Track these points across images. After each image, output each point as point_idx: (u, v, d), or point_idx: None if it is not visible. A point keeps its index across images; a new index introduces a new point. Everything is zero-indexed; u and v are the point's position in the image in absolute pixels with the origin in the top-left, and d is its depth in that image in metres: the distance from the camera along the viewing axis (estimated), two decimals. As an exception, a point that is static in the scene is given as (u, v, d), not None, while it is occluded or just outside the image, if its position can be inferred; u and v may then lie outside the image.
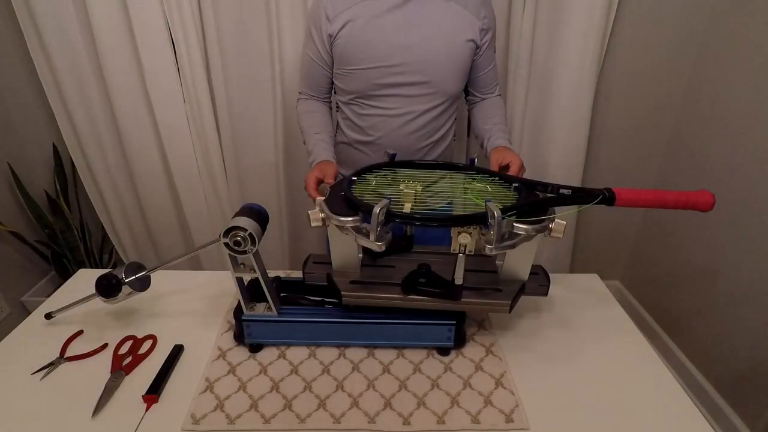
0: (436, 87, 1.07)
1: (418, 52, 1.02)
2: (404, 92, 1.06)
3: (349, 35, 1.02)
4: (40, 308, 0.95)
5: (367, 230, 0.68)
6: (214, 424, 0.70)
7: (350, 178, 0.83)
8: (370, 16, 1.01)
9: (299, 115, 1.16)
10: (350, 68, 1.06)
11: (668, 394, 0.76)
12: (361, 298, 0.77)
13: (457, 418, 0.72)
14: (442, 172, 0.93)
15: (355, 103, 1.11)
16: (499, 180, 0.86)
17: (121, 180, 1.71)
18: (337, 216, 0.70)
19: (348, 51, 1.04)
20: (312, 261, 0.88)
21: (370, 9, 1.01)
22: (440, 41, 1.03)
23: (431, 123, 1.11)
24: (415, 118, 1.09)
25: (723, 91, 1.46)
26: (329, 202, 0.75)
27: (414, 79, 1.05)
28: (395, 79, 1.05)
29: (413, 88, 1.06)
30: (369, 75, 1.05)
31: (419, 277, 0.77)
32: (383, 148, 1.09)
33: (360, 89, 1.08)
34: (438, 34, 1.03)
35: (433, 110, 1.09)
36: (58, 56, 1.46)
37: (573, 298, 1.00)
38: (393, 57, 1.03)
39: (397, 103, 1.08)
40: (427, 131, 1.12)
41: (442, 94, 1.08)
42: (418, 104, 1.08)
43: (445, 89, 1.08)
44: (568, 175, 1.69)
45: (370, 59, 1.03)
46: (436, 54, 1.03)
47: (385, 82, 1.05)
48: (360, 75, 1.06)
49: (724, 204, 1.45)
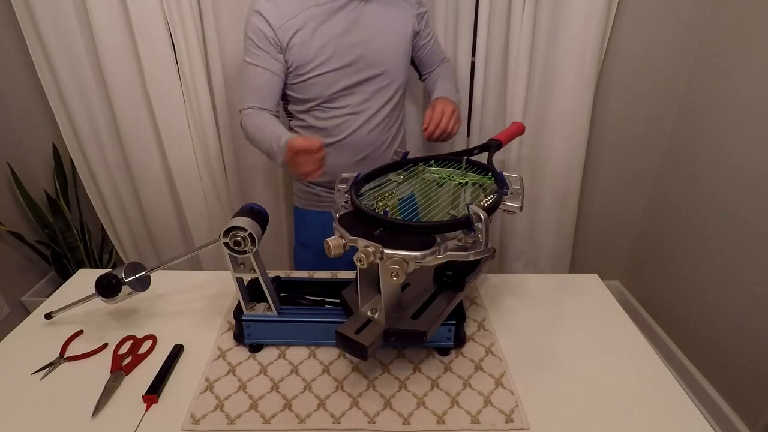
0: (390, 77, 1.13)
1: (370, 48, 1.07)
2: (363, 89, 1.11)
3: (301, 43, 1.03)
4: (40, 308, 0.94)
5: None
6: (214, 424, 0.70)
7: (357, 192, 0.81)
8: (318, 22, 1.03)
9: (249, 125, 1.06)
10: (307, 76, 1.07)
11: (668, 394, 0.76)
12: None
13: (457, 418, 0.72)
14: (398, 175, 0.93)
15: (316, 109, 1.12)
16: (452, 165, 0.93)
17: (121, 180, 1.71)
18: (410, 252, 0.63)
19: (302, 58, 1.05)
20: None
21: (315, 15, 1.03)
22: (387, 33, 1.09)
23: (390, 114, 1.17)
24: (376, 112, 1.14)
25: (723, 90, 1.46)
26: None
27: (370, 73, 1.10)
28: (353, 78, 1.09)
29: (371, 83, 1.11)
30: (327, 79, 1.07)
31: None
32: (350, 147, 1.14)
33: (319, 94, 1.10)
34: (384, 28, 1.09)
35: (390, 101, 1.16)
36: (58, 56, 1.46)
37: (573, 298, 1.00)
38: (348, 57, 1.06)
39: (357, 99, 1.12)
40: (388, 123, 1.18)
41: (396, 84, 1.15)
42: (377, 98, 1.13)
43: (398, 77, 1.15)
44: (567, 175, 1.70)
45: (326, 63, 1.05)
46: (386, 46, 1.10)
47: (345, 84, 1.09)
48: (318, 80, 1.08)
49: (724, 204, 1.45)
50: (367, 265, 0.63)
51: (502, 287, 1.03)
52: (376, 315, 0.73)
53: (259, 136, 1.03)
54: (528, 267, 1.89)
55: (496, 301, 0.98)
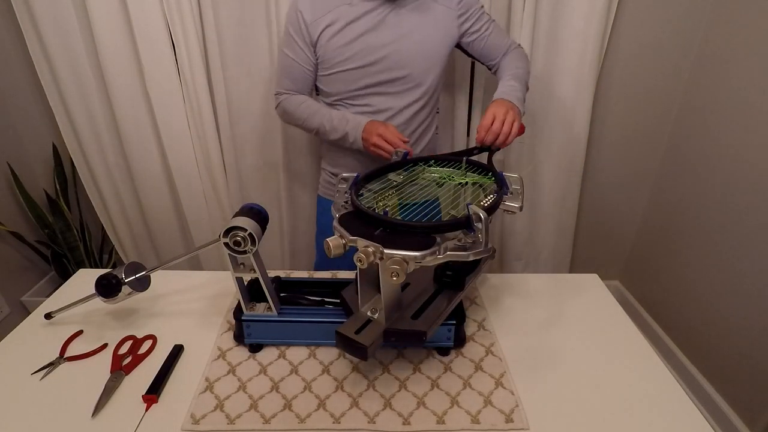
0: (415, 81, 1.12)
1: (396, 50, 1.07)
2: (385, 90, 1.11)
3: (329, 39, 1.06)
4: (40, 308, 0.94)
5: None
6: (214, 424, 0.70)
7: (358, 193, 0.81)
8: (347, 20, 1.05)
9: (290, 109, 1.16)
10: (332, 71, 1.10)
11: (668, 394, 0.76)
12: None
13: (457, 418, 0.72)
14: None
15: (339, 104, 1.15)
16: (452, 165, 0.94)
17: (121, 180, 1.71)
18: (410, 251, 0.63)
19: (328, 54, 1.08)
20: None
21: (346, 13, 1.05)
22: (416, 37, 1.08)
23: (413, 117, 1.16)
24: (396, 114, 1.14)
25: (723, 90, 1.46)
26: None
27: (393, 75, 1.10)
28: (376, 78, 1.09)
29: (394, 85, 1.11)
30: (350, 76, 1.09)
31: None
32: None
33: (342, 90, 1.12)
34: (414, 32, 1.08)
35: (414, 104, 1.14)
36: (58, 56, 1.46)
37: (573, 298, 1.00)
38: (371, 56, 1.07)
39: (378, 100, 1.12)
40: (409, 125, 1.16)
41: (423, 88, 1.13)
42: (399, 100, 1.13)
43: (424, 82, 1.13)
44: (567, 175, 1.70)
45: (349, 60, 1.07)
46: (414, 49, 1.09)
47: (367, 83, 1.10)
48: (341, 77, 1.10)
49: (724, 204, 1.45)
50: (367, 265, 0.63)
51: (502, 287, 1.03)
52: (376, 315, 0.73)
53: (316, 119, 1.13)
54: (528, 267, 1.89)
55: (496, 301, 0.98)
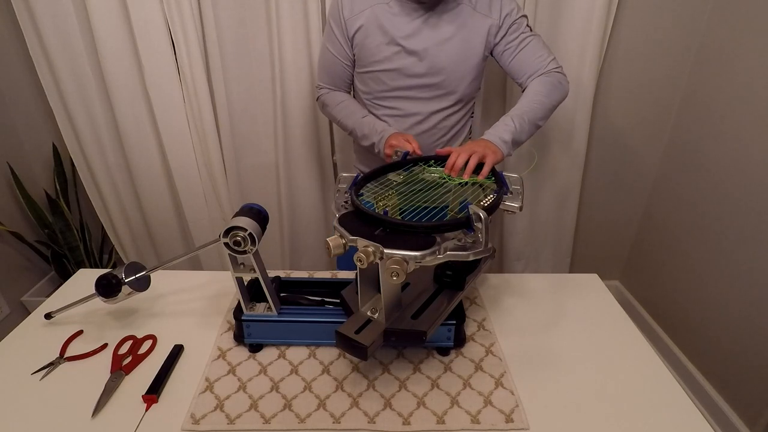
0: (447, 88, 1.09)
1: (427, 56, 1.04)
2: (415, 95, 1.09)
3: (363, 39, 1.05)
4: (40, 308, 0.94)
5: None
6: (214, 424, 0.70)
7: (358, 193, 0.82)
8: (382, 21, 1.03)
9: (329, 107, 1.15)
10: (364, 69, 1.09)
11: (668, 394, 0.76)
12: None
13: (457, 418, 0.72)
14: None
15: (370, 104, 1.14)
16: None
17: (121, 180, 1.71)
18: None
19: (362, 54, 1.07)
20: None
21: (382, 13, 1.03)
22: (450, 44, 1.05)
23: (442, 122, 1.14)
24: (425, 119, 1.12)
25: (722, 90, 1.46)
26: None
27: (424, 81, 1.07)
28: (405, 82, 1.07)
29: (425, 90, 1.09)
30: (381, 78, 1.08)
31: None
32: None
33: (374, 90, 1.11)
34: (450, 38, 1.04)
35: (444, 110, 1.12)
36: (58, 56, 1.46)
37: (573, 298, 1.00)
38: (402, 61, 1.05)
39: (408, 104, 1.10)
40: (438, 130, 1.14)
41: (455, 96, 1.11)
42: (428, 105, 1.11)
43: (457, 90, 1.10)
44: (567, 175, 1.70)
45: (381, 62, 1.06)
46: (447, 57, 1.05)
47: (396, 85, 1.08)
48: (372, 77, 1.09)
49: (724, 204, 1.45)
50: (367, 265, 0.63)
51: (502, 287, 1.03)
52: (376, 315, 0.73)
53: (350, 124, 1.12)
54: (528, 267, 1.89)
55: (496, 301, 0.98)
